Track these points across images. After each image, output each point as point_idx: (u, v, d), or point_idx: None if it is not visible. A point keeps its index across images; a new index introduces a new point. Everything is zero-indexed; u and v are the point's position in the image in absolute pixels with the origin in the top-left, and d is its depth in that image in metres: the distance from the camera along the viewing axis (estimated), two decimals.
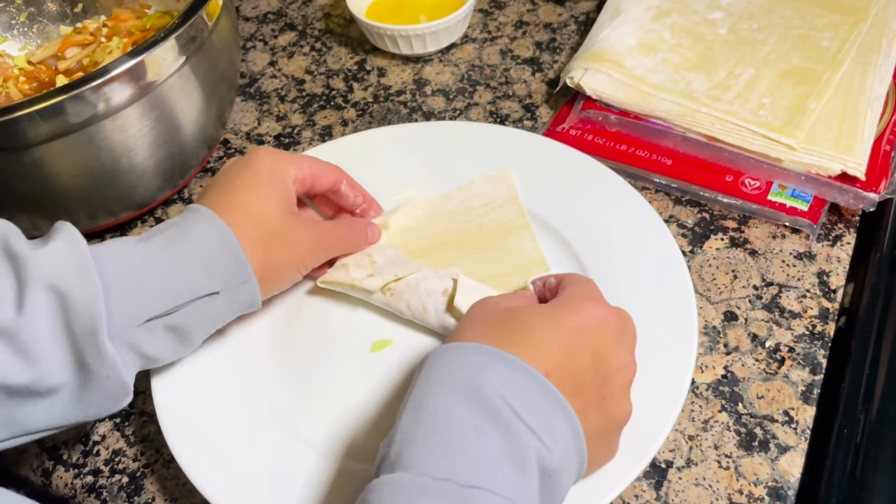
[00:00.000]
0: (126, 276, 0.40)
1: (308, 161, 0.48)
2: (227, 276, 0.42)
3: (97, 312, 0.38)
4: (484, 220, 0.54)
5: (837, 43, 0.60)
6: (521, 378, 0.35)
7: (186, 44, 0.51)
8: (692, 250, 0.54)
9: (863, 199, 0.53)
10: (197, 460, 0.43)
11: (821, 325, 0.50)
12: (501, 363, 0.35)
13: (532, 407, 0.34)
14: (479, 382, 0.34)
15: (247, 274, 0.43)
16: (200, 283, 0.42)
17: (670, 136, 0.58)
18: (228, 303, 0.43)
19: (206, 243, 0.42)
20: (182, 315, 0.42)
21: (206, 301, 0.42)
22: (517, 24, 0.74)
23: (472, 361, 0.35)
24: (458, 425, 0.33)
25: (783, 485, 0.43)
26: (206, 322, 0.43)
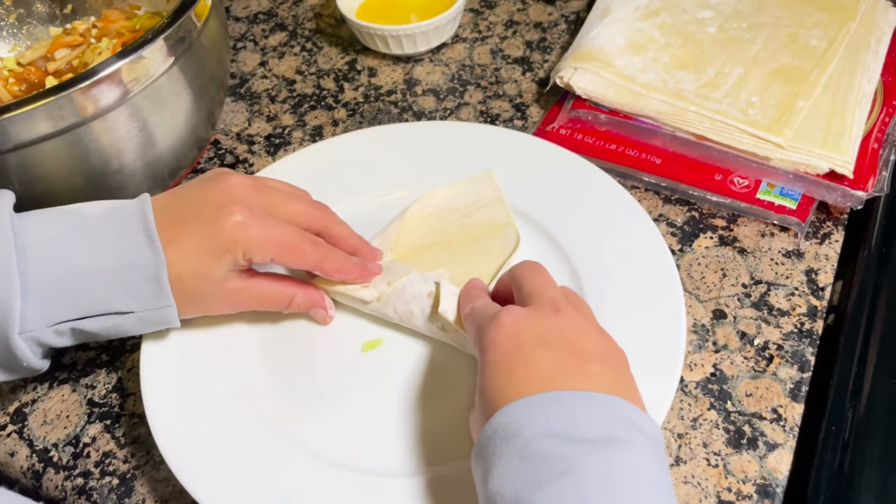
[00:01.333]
0: (45, 280, 0.41)
1: (279, 248, 0.44)
2: (147, 300, 0.43)
3: (11, 317, 0.40)
4: (468, 221, 0.54)
5: (826, 42, 0.61)
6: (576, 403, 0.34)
7: (175, 44, 0.51)
8: (681, 249, 0.54)
9: (851, 197, 0.53)
10: (187, 462, 0.43)
11: (809, 322, 0.50)
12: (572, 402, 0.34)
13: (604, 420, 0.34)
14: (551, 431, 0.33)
15: (167, 301, 0.43)
16: (118, 301, 0.42)
17: (660, 135, 0.58)
18: (142, 322, 0.44)
19: (137, 266, 0.42)
20: (93, 322, 0.43)
21: (119, 317, 0.43)
22: (507, 23, 0.74)
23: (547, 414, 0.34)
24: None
25: (771, 482, 0.43)
26: (115, 332, 0.44)
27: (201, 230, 0.43)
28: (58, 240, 0.42)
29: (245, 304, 0.47)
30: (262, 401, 0.46)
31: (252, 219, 0.43)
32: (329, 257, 0.46)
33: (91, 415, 0.50)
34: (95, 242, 0.42)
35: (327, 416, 0.46)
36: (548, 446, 0.32)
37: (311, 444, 0.44)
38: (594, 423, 0.33)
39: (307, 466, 0.43)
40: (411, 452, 0.44)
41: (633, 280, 0.49)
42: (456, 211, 0.54)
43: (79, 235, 0.43)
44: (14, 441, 0.49)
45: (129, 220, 0.43)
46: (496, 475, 0.33)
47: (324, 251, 0.46)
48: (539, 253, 0.52)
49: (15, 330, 0.41)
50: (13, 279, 0.40)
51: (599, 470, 0.31)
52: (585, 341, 0.37)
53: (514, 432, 0.33)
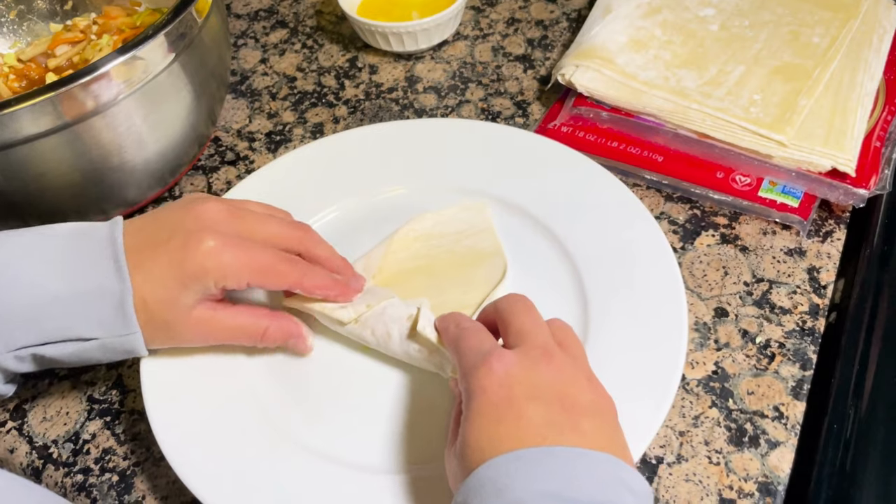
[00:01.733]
0: (5, 306, 0.40)
1: (254, 271, 0.43)
2: (110, 327, 0.42)
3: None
4: (456, 248, 0.52)
5: (828, 39, 0.61)
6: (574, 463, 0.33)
7: (176, 41, 0.51)
8: (683, 247, 0.54)
9: (853, 195, 0.53)
10: (187, 458, 0.43)
11: (811, 320, 0.50)
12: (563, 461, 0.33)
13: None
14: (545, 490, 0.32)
15: (132, 328, 0.42)
16: (81, 327, 0.41)
17: (661, 132, 0.58)
18: (105, 349, 0.42)
19: (103, 291, 0.41)
20: (55, 348, 0.41)
21: (83, 343, 0.42)
22: (509, 21, 0.74)
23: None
24: None
25: (773, 480, 0.43)
26: (78, 358, 0.42)
27: (170, 257, 0.42)
28: (20, 262, 0.41)
29: (214, 337, 0.45)
30: (261, 398, 0.46)
31: (224, 245, 0.42)
32: (309, 274, 0.45)
33: (91, 411, 0.50)
34: (59, 266, 0.41)
35: (326, 412, 0.46)
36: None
37: (310, 440, 0.44)
38: (587, 484, 0.32)
39: (306, 463, 0.43)
40: (407, 450, 0.43)
41: (634, 278, 0.49)
42: (444, 237, 0.53)
43: (43, 258, 0.41)
44: (14, 437, 0.49)
45: (97, 244, 0.42)
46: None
47: (303, 268, 0.45)
48: (540, 251, 0.52)
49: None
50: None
51: None
52: (577, 394, 0.36)
53: (503, 486, 0.32)
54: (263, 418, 0.45)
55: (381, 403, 0.46)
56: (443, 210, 0.54)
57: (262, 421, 0.45)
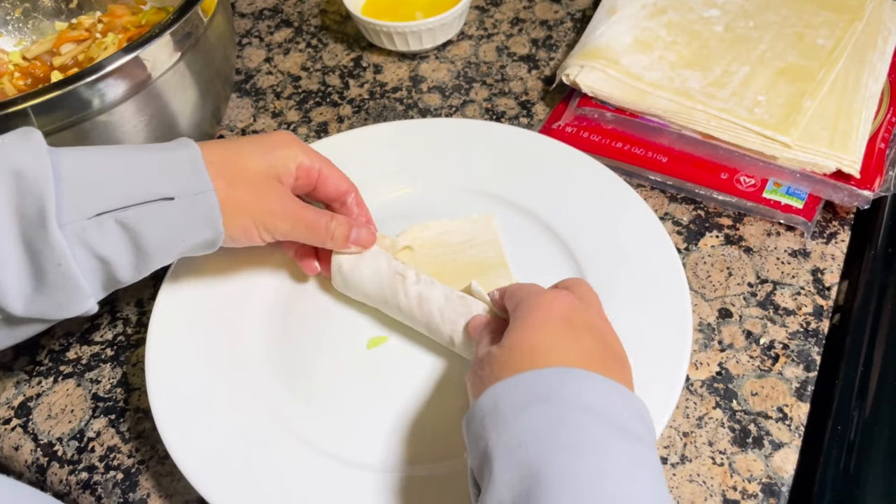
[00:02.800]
0: (80, 169, 0.40)
1: (324, 161, 0.48)
2: (184, 182, 0.42)
3: (47, 197, 0.38)
4: (459, 257, 0.52)
5: (833, 41, 0.61)
6: (581, 382, 0.35)
7: (181, 40, 0.51)
8: (687, 248, 0.54)
9: (857, 196, 0.53)
10: (192, 456, 0.43)
11: (815, 322, 0.50)
12: (561, 378, 0.35)
13: (610, 406, 0.34)
14: (555, 402, 0.34)
15: (205, 184, 0.42)
16: (155, 183, 0.41)
17: (666, 133, 0.58)
18: (184, 214, 0.42)
19: (171, 153, 0.43)
20: (135, 214, 0.40)
21: (160, 206, 0.41)
22: (513, 21, 0.74)
23: (532, 388, 0.35)
24: (566, 455, 0.32)
25: (777, 481, 0.43)
26: (161, 231, 0.41)
27: (253, 140, 0.46)
28: (87, 147, 0.42)
29: (294, 213, 0.46)
30: (266, 396, 0.46)
31: (297, 139, 0.48)
32: (357, 190, 0.50)
33: (96, 409, 0.50)
34: (128, 148, 0.43)
35: (331, 411, 0.46)
36: (583, 420, 0.33)
37: (316, 440, 0.44)
38: (619, 409, 0.34)
39: (310, 460, 0.43)
40: (409, 448, 0.44)
41: (638, 279, 0.49)
42: (448, 245, 0.53)
43: (110, 148, 0.43)
44: (19, 435, 0.49)
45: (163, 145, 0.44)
46: (523, 423, 0.33)
47: (353, 183, 0.50)
48: (544, 251, 0.52)
49: (52, 215, 0.38)
50: (45, 160, 0.38)
51: (626, 459, 0.32)
52: (617, 347, 0.39)
53: (552, 392, 0.34)
54: (269, 417, 0.45)
55: (386, 403, 0.46)
56: (446, 221, 0.54)
57: (267, 420, 0.45)
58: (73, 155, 0.40)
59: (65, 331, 0.54)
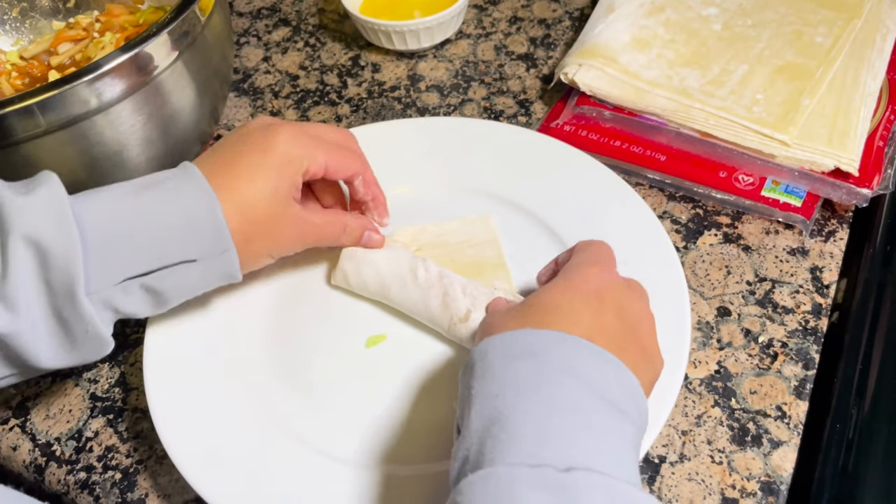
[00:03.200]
0: (105, 236, 0.40)
1: (327, 152, 0.47)
2: (207, 245, 0.42)
3: (75, 271, 0.39)
4: (458, 257, 0.52)
5: (831, 39, 0.61)
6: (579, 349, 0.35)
7: (179, 39, 0.51)
8: (686, 246, 0.54)
9: (856, 194, 0.53)
10: (190, 456, 0.43)
11: (814, 320, 0.50)
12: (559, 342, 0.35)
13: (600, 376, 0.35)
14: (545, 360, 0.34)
15: (226, 243, 0.42)
16: (179, 249, 0.42)
17: (664, 132, 0.58)
18: (206, 271, 0.43)
19: (190, 210, 0.42)
20: (159, 277, 0.42)
21: (183, 267, 0.42)
22: (511, 19, 0.74)
23: (527, 344, 0.35)
24: (539, 407, 0.32)
25: (776, 479, 0.43)
26: (182, 287, 0.43)
27: (253, 158, 0.44)
28: (109, 202, 0.42)
29: (308, 233, 0.47)
30: (265, 395, 0.46)
31: (298, 131, 0.46)
32: (368, 168, 0.50)
33: (94, 409, 0.50)
34: (145, 200, 0.42)
35: (329, 411, 0.46)
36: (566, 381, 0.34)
37: (313, 438, 0.44)
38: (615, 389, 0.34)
39: (308, 461, 0.43)
40: (408, 448, 0.44)
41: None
42: (446, 246, 0.52)
43: (128, 196, 0.42)
44: (17, 435, 0.49)
45: (173, 177, 0.43)
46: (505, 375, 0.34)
47: (364, 159, 0.49)
48: (542, 250, 0.51)
49: (80, 287, 0.39)
50: (72, 234, 0.39)
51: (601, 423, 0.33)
52: (647, 339, 0.39)
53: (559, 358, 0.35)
54: (267, 416, 0.45)
55: (385, 403, 0.46)
56: (443, 223, 0.54)
57: (265, 419, 0.45)
58: (97, 217, 0.41)
59: None
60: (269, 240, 0.45)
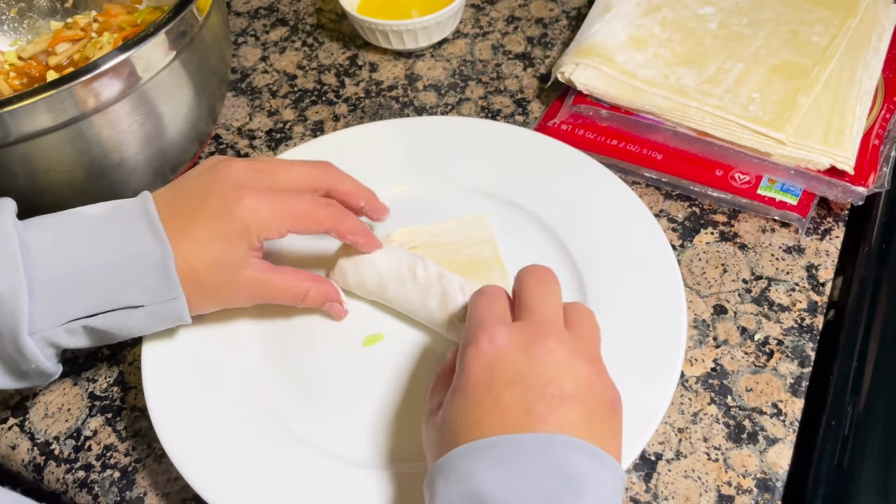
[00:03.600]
0: (53, 277, 0.41)
1: (293, 219, 0.44)
2: (156, 292, 0.42)
3: (20, 315, 0.40)
4: (455, 257, 0.51)
5: (827, 38, 0.61)
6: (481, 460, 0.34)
7: (177, 39, 0.51)
8: (682, 244, 0.54)
9: (851, 192, 0.53)
10: (188, 455, 0.43)
11: (809, 318, 0.50)
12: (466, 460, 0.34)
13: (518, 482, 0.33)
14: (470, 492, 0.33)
15: (175, 292, 0.42)
16: (127, 294, 0.42)
17: (661, 130, 0.58)
18: (152, 316, 0.43)
19: (142, 258, 0.42)
20: (104, 319, 0.42)
21: (129, 311, 0.42)
22: (509, 19, 0.74)
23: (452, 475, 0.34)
24: None
25: (771, 476, 0.43)
26: (127, 328, 0.43)
27: (210, 220, 0.43)
28: (61, 239, 0.42)
29: (261, 296, 0.46)
30: (262, 394, 0.46)
31: (259, 199, 0.43)
32: (344, 220, 0.47)
33: (92, 408, 0.50)
34: (99, 239, 0.42)
35: (327, 409, 0.46)
36: (494, 496, 0.32)
37: (311, 436, 0.45)
38: (535, 472, 0.32)
39: (307, 459, 0.43)
40: (407, 446, 0.44)
41: (633, 275, 0.49)
42: (443, 245, 0.52)
43: (82, 234, 0.42)
44: (15, 434, 0.49)
45: (131, 217, 0.43)
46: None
47: (337, 213, 0.46)
48: (539, 249, 0.52)
49: (24, 330, 0.40)
50: (19, 277, 0.40)
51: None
52: (565, 380, 0.35)
53: (465, 475, 0.33)
54: (266, 415, 0.45)
55: (383, 401, 0.46)
56: (440, 223, 0.53)
57: (264, 418, 0.45)
58: (46, 254, 0.41)
59: None
60: (216, 301, 0.45)
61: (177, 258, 0.42)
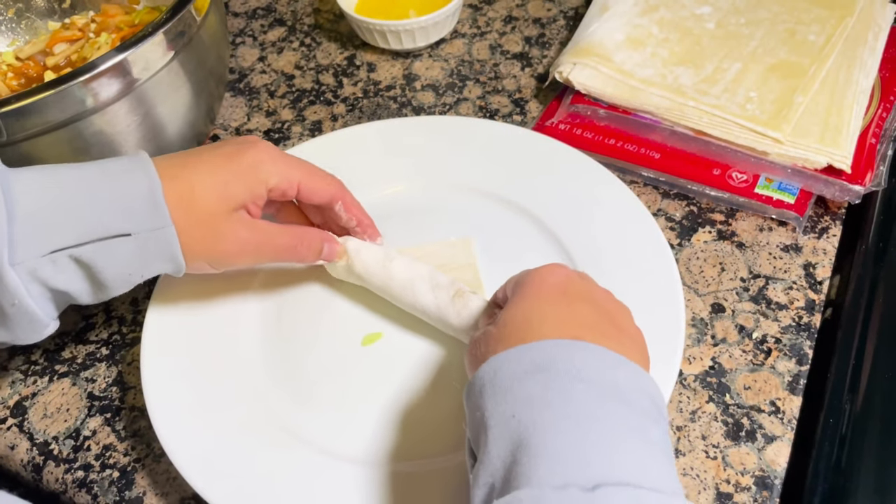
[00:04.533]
0: (35, 205, 0.39)
1: (302, 173, 0.45)
2: (143, 218, 0.40)
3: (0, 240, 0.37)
4: None
5: (824, 37, 0.61)
6: (579, 351, 0.34)
7: (175, 39, 0.51)
8: (680, 243, 0.55)
9: (848, 191, 0.53)
10: (187, 454, 0.43)
11: (807, 316, 0.50)
12: (559, 349, 0.34)
13: (608, 377, 0.34)
14: (552, 373, 0.33)
15: (164, 220, 0.40)
16: (112, 221, 0.40)
17: (658, 130, 0.58)
18: (142, 249, 0.41)
19: (128, 185, 0.40)
20: (90, 251, 0.39)
21: (117, 242, 0.40)
22: (506, 19, 0.74)
23: (530, 359, 0.34)
24: (557, 423, 0.31)
25: (770, 474, 0.44)
26: (118, 266, 0.41)
27: (221, 158, 0.43)
28: (45, 172, 0.40)
29: (253, 246, 0.44)
30: (261, 393, 0.46)
31: (277, 151, 0.45)
32: (347, 192, 0.47)
33: (91, 408, 0.50)
34: (85, 173, 0.40)
35: (326, 408, 0.46)
36: (574, 389, 0.33)
37: (311, 436, 0.45)
38: (624, 384, 0.34)
39: (306, 458, 0.43)
40: (406, 444, 0.44)
41: (631, 274, 0.49)
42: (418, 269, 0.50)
43: (67, 169, 0.41)
44: (14, 434, 0.49)
45: (121, 159, 0.42)
46: (516, 395, 0.33)
47: (341, 185, 0.48)
48: (537, 247, 0.52)
49: (3, 257, 0.37)
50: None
51: (615, 427, 0.32)
52: (623, 320, 0.39)
53: (545, 365, 0.34)
54: (265, 414, 0.45)
55: (382, 400, 0.46)
56: (422, 245, 0.52)
57: (263, 417, 0.45)
58: (29, 186, 0.39)
59: (60, 330, 0.54)
60: (210, 242, 0.43)
61: (175, 181, 0.41)
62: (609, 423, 0.32)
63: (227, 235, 0.43)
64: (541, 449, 0.31)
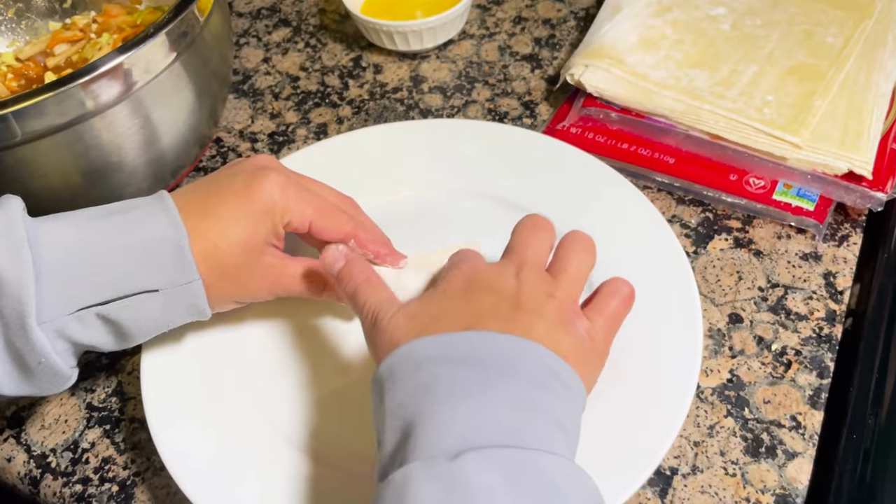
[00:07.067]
0: (61, 261, 0.38)
1: (315, 211, 0.44)
2: (170, 274, 0.40)
3: (26, 299, 0.37)
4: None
5: (842, 39, 0.59)
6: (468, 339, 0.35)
7: (177, 40, 0.50)
8: (696, 251, 0.53)
9: (870, 198, 0.52)
10: (188, 468, 0.42)
11: (828, 327, 0.48)
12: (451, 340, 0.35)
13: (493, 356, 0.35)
14: (441, 363, 0.35)
15: (191, 274, 0.40)
16: (140, 277, 0.39)
17: (673, 134, 0.57)
18: (169, 303, 0.41)
19: (155, 238, 0.40)
20: (117, 308, 0.39)
21: (144, 298, 0.40)
22: (516, 19, 0.73)
23: (423, 352, 0.35)
24: (440, 405, 0.33)
25: (791, 492, 0.42)
26: (144, 320, 0.41)
27: (237, 197, 0.42)
28: (70, 225, 0.40)
29: (281, 284, 0.44)
30: (263, 406, 0.45)
31: (288, 182, 0.43)
32: (363, 226, 0.46)
33: (90, 419, 0.49)
34: (110, 225, 0.40)
35: (329, 422, 0.45)
36: (458, 373, 0.34)
37: (313, 450, 0.43)
38: (524, 367, 0.34)
39: (309, 473, 0.42)
40: None
41: (646, 283, 0.47)
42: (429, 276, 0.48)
43: (92, 221, 0.40)
44: (11, 446, 0.48)
45: (143, 205, 0.42)
46: (407, 386, 0.34)
47: (360, 219, 0.46)
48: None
49: (32, 317, 0.37)
50: (24, 259, 0.37)
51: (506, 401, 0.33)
52: (537, 302, 0.37)
53: (436, 357, 0.35)
54: (266, 427, 0.44)
55: None
56: (428, 254, 0.50)
57: (264, 430, 0.44)
58: (53, 242, 0.39)
59: None
60: (236, 288, 0.43)
61: (198, 236, 0.41)
62: (486, 396, 0.33)
63: (252, 282, 0.44)
64: (418, 430, 0.32)
